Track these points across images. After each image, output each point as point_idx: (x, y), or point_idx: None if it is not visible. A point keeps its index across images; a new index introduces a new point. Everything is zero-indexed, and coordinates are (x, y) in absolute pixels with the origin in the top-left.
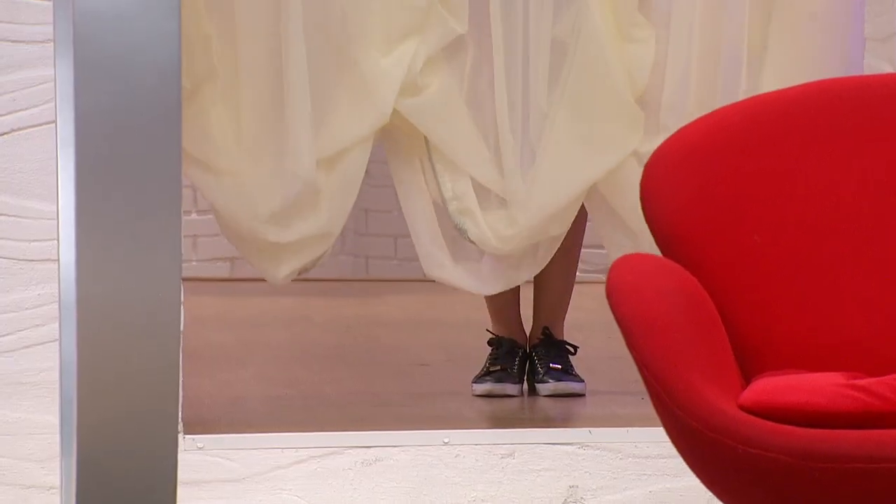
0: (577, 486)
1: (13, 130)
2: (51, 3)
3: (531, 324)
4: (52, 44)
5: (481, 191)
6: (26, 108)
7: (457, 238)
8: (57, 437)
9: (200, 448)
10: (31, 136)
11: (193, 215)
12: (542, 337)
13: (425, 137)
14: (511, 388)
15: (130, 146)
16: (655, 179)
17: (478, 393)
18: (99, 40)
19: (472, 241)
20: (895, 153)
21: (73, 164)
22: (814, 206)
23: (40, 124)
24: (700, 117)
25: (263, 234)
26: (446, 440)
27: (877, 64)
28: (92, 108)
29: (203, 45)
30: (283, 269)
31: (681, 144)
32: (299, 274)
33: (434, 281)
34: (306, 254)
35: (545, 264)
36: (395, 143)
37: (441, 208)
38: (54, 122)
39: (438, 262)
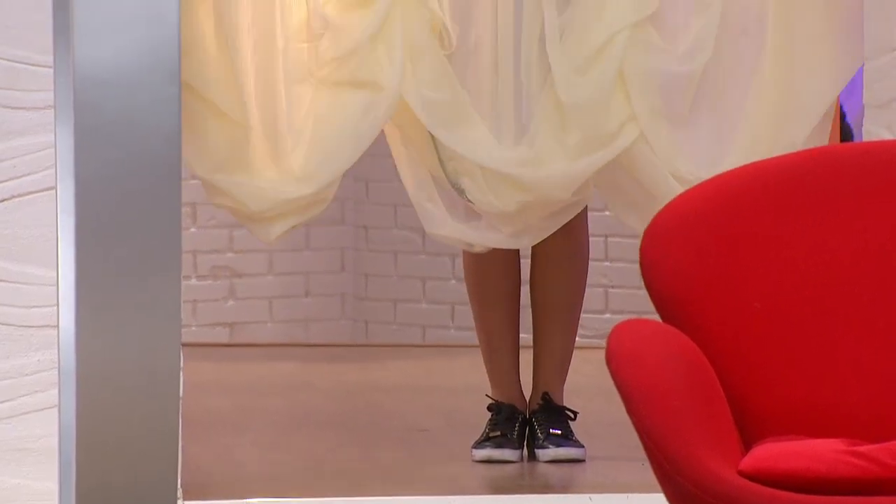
0: None
1: (13, 197)
2: (51, 70)
3: (531, 389)
4: (52, 110)
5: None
6: (26, 175)
7: (455, 201)
8: None
9: None
10: (31, 203)
11: (193, 280)
12: (541, 402)
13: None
14: (511, 454)
15: (130, 212)
16: (654, 245)
17: (477, 459)
18: (99, 106)
19: (470, 201)
20: (895, 219)
21: (72, 230)
22: (813, 271)
23: (40, 190)
24: (698, 184)
25: (257, 212)
26: None
27: (876, 130)
28: (92, 173)
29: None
30: (275, 230)
31: (679, 210)
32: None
33: (434, 346)
34: (301, 215)
35: (546, 234)
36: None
37: (440, 179)
38: (54, 188)
39: (439, 219)
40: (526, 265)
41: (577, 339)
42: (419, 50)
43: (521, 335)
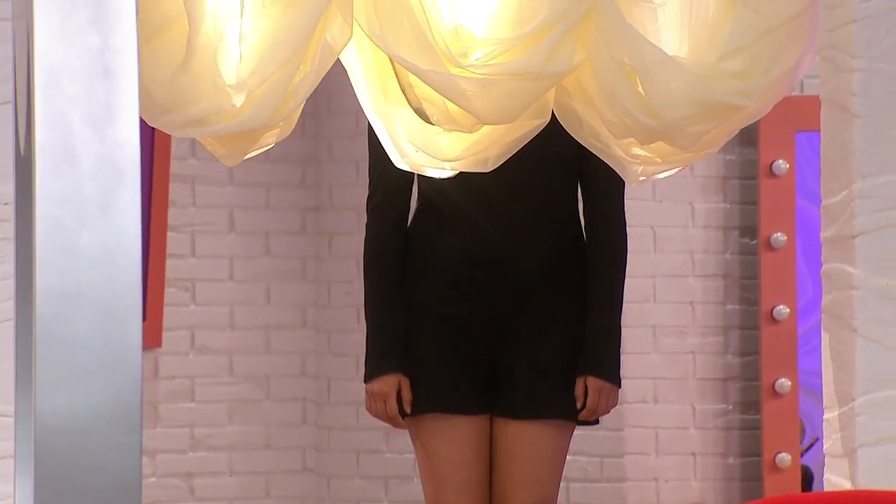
0: None
1: None
2: (11, 419)
3: None
4: (12, 460)
5: None
6: None
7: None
8: None
9: None
10: None
11: None
12: None
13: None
14: None
15: None
16: None
17: None
18: (60, 456)
19: (433, 124)
20: None
21: None
22: None
23: None
24: None
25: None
26: None
27: (836, 480)
28: None
29: None
30: (238, 154)
31: None
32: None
33: None
34: (261, 143)
35: (510, 154)
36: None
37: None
38: None
39: (402, 151)
40: None
41: None
42: None
43: None
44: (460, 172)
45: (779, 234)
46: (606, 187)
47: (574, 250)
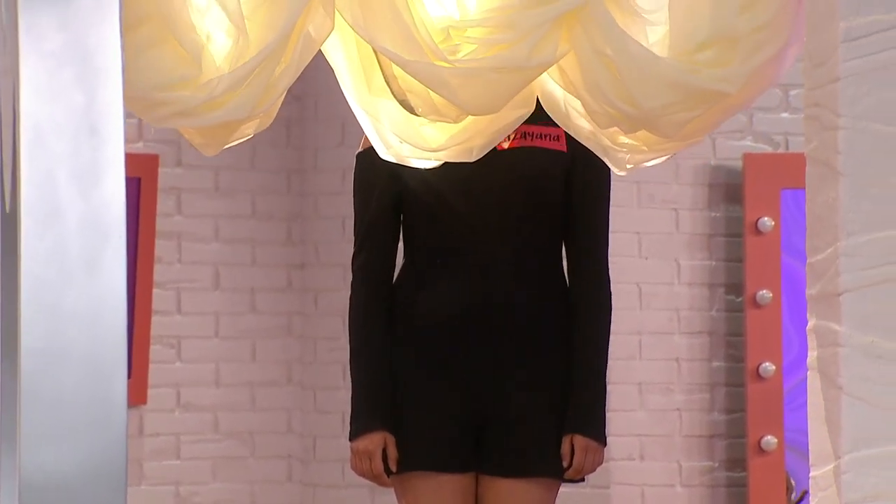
0: None
1: None
2: None
3: None
4: None
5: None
6: None
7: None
8: None
9: None
10: None
11: None
12: None
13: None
14: None
15: None
16: None
17: None
18: None
19: (418, 115)
20: None
21: None
22: None
23: None
24: None
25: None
26: None
27: None
28: None
29: None
30: (217, 145)
31: None
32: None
33: None
34: (239, 133)
35: (494, 145)
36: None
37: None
38: None
39: (387, 142)
40: None
41: None
42: None
43: None
44: (448, 210)
45: (764, 291)
46: (590, 241)
47: (559, 297)
